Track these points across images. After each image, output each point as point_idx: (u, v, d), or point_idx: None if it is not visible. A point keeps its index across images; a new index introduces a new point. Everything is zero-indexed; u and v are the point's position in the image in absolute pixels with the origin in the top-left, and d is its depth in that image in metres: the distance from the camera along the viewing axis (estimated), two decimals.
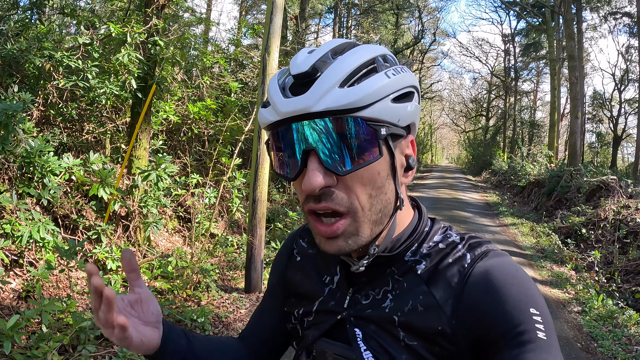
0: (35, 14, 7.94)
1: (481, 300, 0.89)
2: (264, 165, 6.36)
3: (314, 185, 0.85)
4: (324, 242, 0.92)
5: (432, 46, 41.27)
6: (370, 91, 0.84)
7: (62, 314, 4.21)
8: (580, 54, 21.92)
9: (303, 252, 1.22)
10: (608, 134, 36.63)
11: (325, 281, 1.11)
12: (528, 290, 0.89)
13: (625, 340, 5.91)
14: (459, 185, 26.28)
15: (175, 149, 9.47)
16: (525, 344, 0.83)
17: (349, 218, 0.89)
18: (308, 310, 1.11)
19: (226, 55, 11.09)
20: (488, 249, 0.96)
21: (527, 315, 0.85)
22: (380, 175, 0.90)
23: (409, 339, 0.93)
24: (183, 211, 8.37)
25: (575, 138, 18.81)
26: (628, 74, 33.06)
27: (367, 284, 1.02)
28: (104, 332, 0.85)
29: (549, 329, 0.85)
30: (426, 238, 1.02)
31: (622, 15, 30.80)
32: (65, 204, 5.96)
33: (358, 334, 0.98)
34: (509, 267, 0.92)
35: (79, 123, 7.68)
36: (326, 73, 0.84)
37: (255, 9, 31.08)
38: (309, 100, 0.83)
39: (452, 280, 0.93)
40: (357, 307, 1.01)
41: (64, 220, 5.96)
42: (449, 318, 0.90)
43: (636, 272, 8.34)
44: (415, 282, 0.97)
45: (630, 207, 11.03)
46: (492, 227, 13.46)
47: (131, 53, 6.30)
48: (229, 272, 7.11)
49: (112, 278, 5.41)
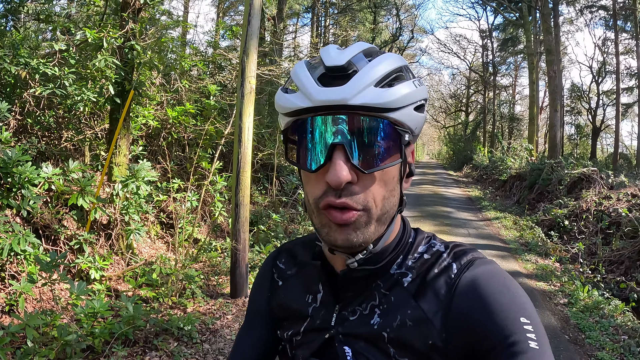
0: (10, 20, 7.82)
1: (471, 311, 0.88)
2: (246, 168, 6.32)
3: (341, 179, 0.85)
4: (333, 231, 0.90)
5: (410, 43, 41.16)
6: (400, 95, 0.87)
7: (47, 327, 4.14)
8: (557, 47, 22.16)
9: (283, 275, 1.20)
10: (587, 125, 37.06)
11: (309, 301, 1.09)
12: (517, 298, 0.89)
13: (613, 331, 5.97)
14: (441, 181, 26.34)
15: (155, 154, 9.37)
16: (518, 355, 0.82)
17: (363, 212, 0.89)
18: (296, 330, 1.08)
19: (204, 58, 11.01)
20: (474, 257, 0.96)
21: (518, 325, 0.84)
22: (394, 179, 0.93)
23: (399, 355, 0.92)
24: (165, 217, 8.28)
25: (555, 131, 19.00)
26: (605, 66, 33.57)
27: (354, 299, 1.01)
28: None
29: (540, 338, 0.84)
30: (411, 249, 1.02)
31: (598, 9, 31.25)
32: (46, 215, 5.87)
33: (347, 352, 0.97)
34: (497, 276, 0.92)
35: (57, 131, 7.58)
36: (364, 70, 0.86)
37: (232, 11, 31.08)
38: (348, 92, 0.84)
39: (439, 292, 0.92)
40: (345, 324, 0.99)
41: (45, 231, 5.87)
42: (439, 331, 0.90)
43: (620, 262, 8.45)
44: (402, 296, 0.96)
45: (612, 197, 11.19)
46: (475, 221, 13.52)
47: (108, 58, 6.21)
48: (213, 278, 7.05)
49: (96, 288, 5.34)
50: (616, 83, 28.74)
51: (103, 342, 4.29)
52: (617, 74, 28.58)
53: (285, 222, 10.14)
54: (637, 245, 8.35)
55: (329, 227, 0.91)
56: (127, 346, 4.53)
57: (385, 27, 37.63)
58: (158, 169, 8.53)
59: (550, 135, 19.61)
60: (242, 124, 6.25)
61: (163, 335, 4.89)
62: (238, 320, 5.75)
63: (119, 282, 6.19)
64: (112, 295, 5.76)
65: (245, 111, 6.26)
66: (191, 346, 4.90)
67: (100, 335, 4.23)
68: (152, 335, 4.82)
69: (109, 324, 4.42)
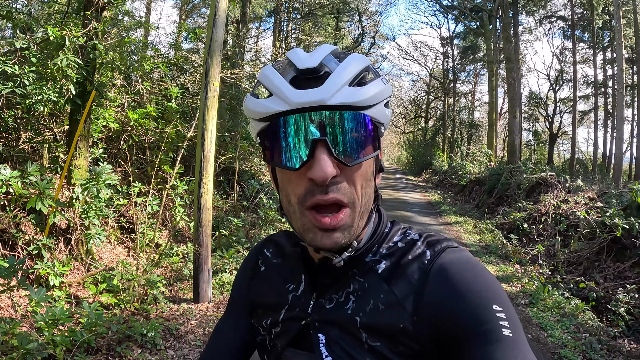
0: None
1: (443, 297, 0.89)
2: (208, 172, 6.25)
3: (327, 173, 0.86)
4: (320, 236, 0.91)
5: (371, 49, 41.54)
6: (373, 93, 0.90)
7: (6, 336, 4.00)
8: (516, 55, 22.66)
9: (268, 262, 1.21)
10: (544, 132, 37.97)
11: (290, 289, 1.10)
12: (490, 286, 0.89)
13: (574, 329, 6.16)
14: (401, 186, 26.59)
15: (115, 157, 9.19)
16: (492, 343, 0.82)
17: (349, 209, 0.91)
18: (275, 319, 1.09)
19: (167, 60, 10.86)
20: (447, 245, 0.98)
21: (491, 313, 0.85)
22: (370, 173, 0.96)
23: (372, 340, 0.92)
24: (126, 221, 8.12)
25: (513, 136, 19.39)
26: (563, 75, 34.54)
27: (330, 287, 1.02)
28: None
29: (514, 325, 0.85)
30: (385, 239, 1.04)
31: (557, 19, 32.13)
32: (3, 219, 5.69)
33: (321, 339, 0.98)
34: (470, 263, 0.93)
35: (15, 132, 7.36)
36: (338, 71, 0.88)
37: (195, 13, 30.87)
38: (325, 93, 0.86)
39: (412, 277, 0.94)
40: (321, 312, 1.01)
41: (2, 236, 5.69)
42: (410, 315, 0.90)
43: (578, 263, 8.69)
44: (375, 281, 0.97)
45: (570, 201, 11.51)
46: (435, 225, 13.71)
47: (70, 57, 6.05)
48: (176, 283, 6.94)
49: (56, 295, 5.20)
50: (573, 91, 29.51)
51: (65, 351, 4.17)
52: (574, 82, 29.34)
53: (247, 227, 10.05)
54: (595, 246, 8.58)
55: (313, 232, 0.91)
56: (89, 354, 4.41)
57: (347, 32, 37.96)
58: (118, 172, 8.37)
59: (509, 141, 19.99)
60: (205, 127, 6.19)
61: (126, 342, 4.79)
62: (202, 325, 5.67)
63: (79, 288, 6.03)
64: (73, 302, 5.61)
65: (208, 114, 6.20)
66: (155, 353, 4.81)
67: (61, 344, 4.10)
68: (115, 342, 4.71)
69: (70, 332, 4.30)
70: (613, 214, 8.49)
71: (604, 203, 10.24)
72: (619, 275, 7.74)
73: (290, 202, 0.94)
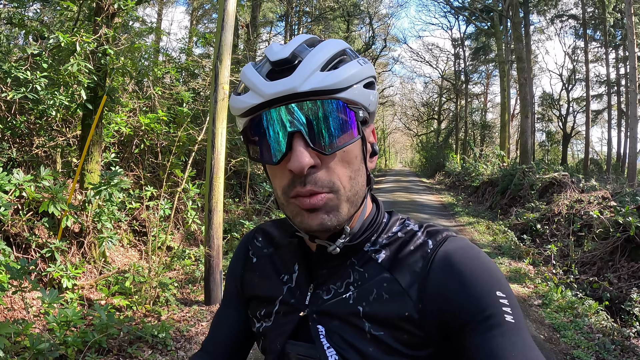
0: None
1: (447, 284, 0.90)
2: (219, 174, 6.28)
3: (303, 164, 0.86)
4: (306, 217, 0.91)
5: (383, 52, 41.62)
6: (347, 75, 0.89)
7: (19, 336, 4.06)
8: (528, 55, 22.52)
9: (258, 252, 1.21)
10: (557, 132, 37.71)
11: (284, 280, 1.10)
12: (493, 273, 0.91)
13: (587, 329, 6.06)
14: (414, 188, 26.52)
15: (127, 161, 9.27)
16: (494, 328, 0.84)
17: (332, 194, 0.90)
18: (269, 311, 1.09)
19: (177, 65, 10.94)
20: (448, 235, 0.99)
21: (494, 299, 0.87)
22: (357, 158, 0.94)
23: (375, 330, 0.93)
24: (138, 225, 8.20)
25: (526, 137, 19.27)
26: (575, 74, 34.28)
27: (328, 278, 1.02)
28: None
29: (515, 311, 0.87)
30: (384, 229, 1.04)
31: (568, 18, 31.93)
32: (17, 222, 5.76)
33: (321, 330, 0.98)
34: (472, 251, 0.94)
35: (29, 137, 7.45)
36: (308, 58, 0.88)
37: (206, 18, 31.01)
38: (294, 81, 0.86)
39: (416, 266, 0.95)
40: (319, 303, 1.01)
41: (16, 239, 5.76)
42: (415, 303, 0.91)
43: (592, 263, 8.58)
44: (377, 271, 0.98)
45: (583, 201, 11.37)
46: (449, 227, 13.59)
47: (80, 63, 6.13)
48: (187, 285, 6.98)
49: (68, 297, 5.25)
50: (586, 90, 29.35)
51: (76, 351, 4.22)
52: (587, 82, 29.17)
53: None
54: (608, 246, 8.47)
55: (300, 215, 0.92)
56: (100, 355, 4.45)
57: (358, 35, 37.91)
58: (130, 176, 8.44)
59: (522, 142, 19.89)
60: (215, 130, 6.22)
61: (137, 343, 4.83)
62: None
63: (92, 290, 6.09)
64: (85, 304, 5.67)
65: (218, 117, 6.23)
66: (166, 354, 4.85)
67: (73, 344, 4.16)
68: (126, 343, 4.75)
69: (82, 333, 4.35)
70: (626, 213, 8.41)
71: (617, 202, 10.16)
72: (633, 275, 7.63)
73: (278, 194, 0.95)
